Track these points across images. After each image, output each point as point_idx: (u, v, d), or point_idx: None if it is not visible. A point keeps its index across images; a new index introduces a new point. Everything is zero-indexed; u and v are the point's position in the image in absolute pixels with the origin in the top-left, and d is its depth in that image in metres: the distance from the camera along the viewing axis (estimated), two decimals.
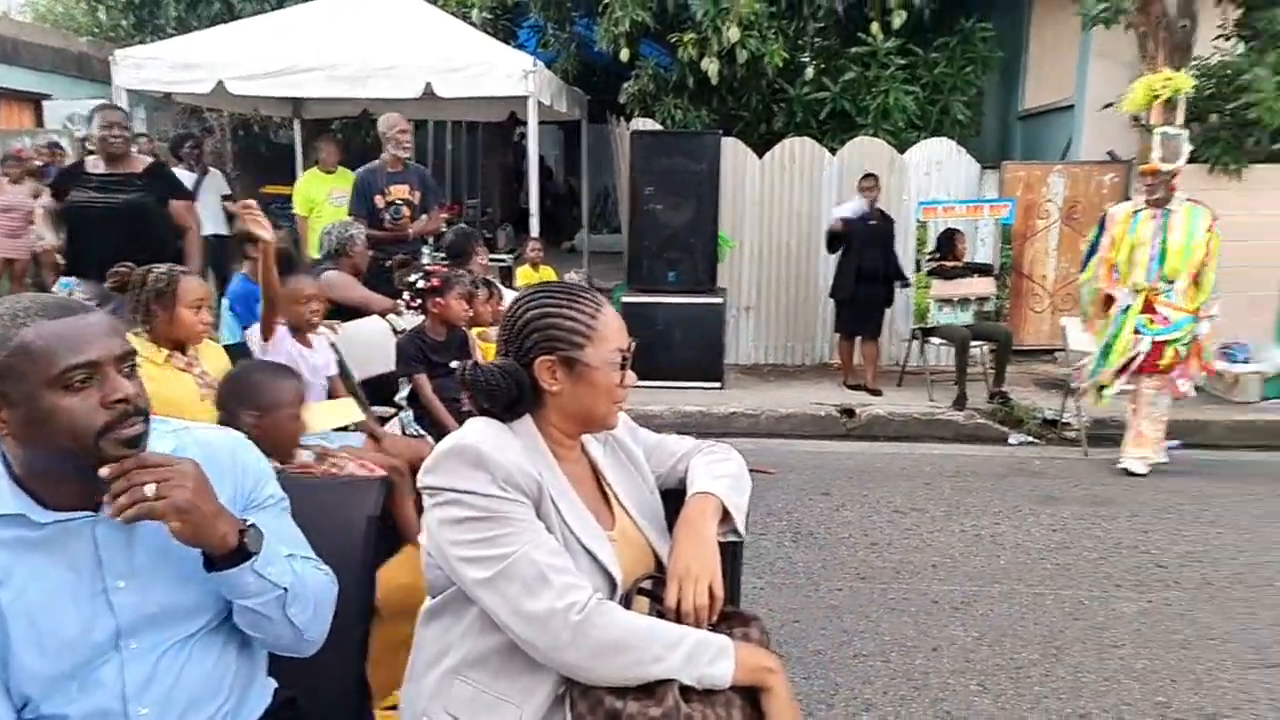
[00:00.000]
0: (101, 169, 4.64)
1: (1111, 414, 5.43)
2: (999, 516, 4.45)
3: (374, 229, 5.23)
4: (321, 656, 1.47)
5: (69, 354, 1.17)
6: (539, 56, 7.58)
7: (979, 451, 5.70)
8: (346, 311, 4.33)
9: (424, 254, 5.59)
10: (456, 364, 4.00)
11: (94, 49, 10.73)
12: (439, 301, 3.81)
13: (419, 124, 7.83)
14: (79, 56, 10.83)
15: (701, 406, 6.17)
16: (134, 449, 1.21)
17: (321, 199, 6.94)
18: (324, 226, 4.85)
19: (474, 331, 4.19)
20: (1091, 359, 5.25)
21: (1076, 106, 8.01)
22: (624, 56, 7.99)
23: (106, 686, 1.26)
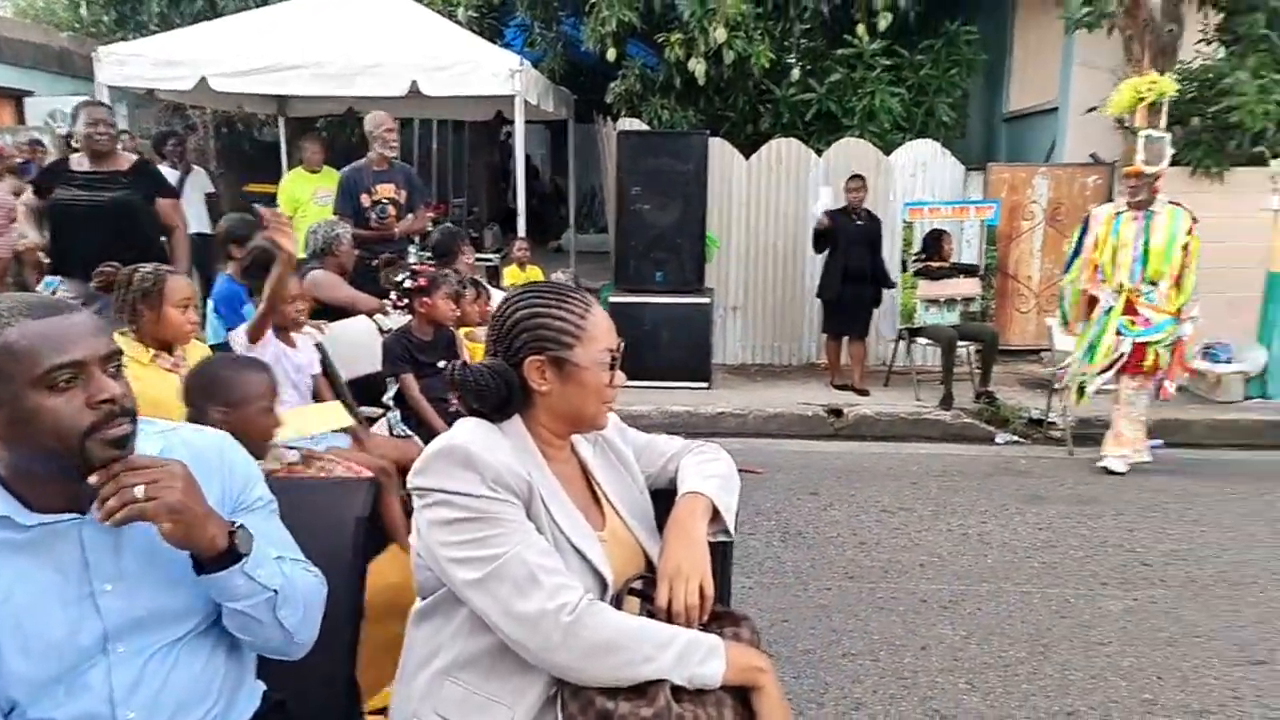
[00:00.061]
0: (87, 166, 4.58)
1: (1096, 413, 5.47)
2: (986, 515, 4.48)
3: (360, 228, 5.21)
4: (310, 659, 1.46)
5: (54, 354, 1.16)
6: (525, 56, 7.56)
7: (965, 451, 5.73)
8: (333, 311, 4.31)
9: (410, 253, 5.57)
10: (444, 364, 3.99)
11: (76, 45, 10.63)
12: (426, 301, 3.80)
13: (405, 122, 7.80)
14: (60, 52, 10.71)
15: (689, 406, 6.17)
16: (120, 450, 1.20)
17: (306, 198, 6.91)
18: (310, 226, 4.81)
19: (461, 331, 4.17)
20: (1075, 359, 5.28)
21: (1060, 109, 8.06)
22: (611, 56, 7.98)
23: (94, 690, 1.24)
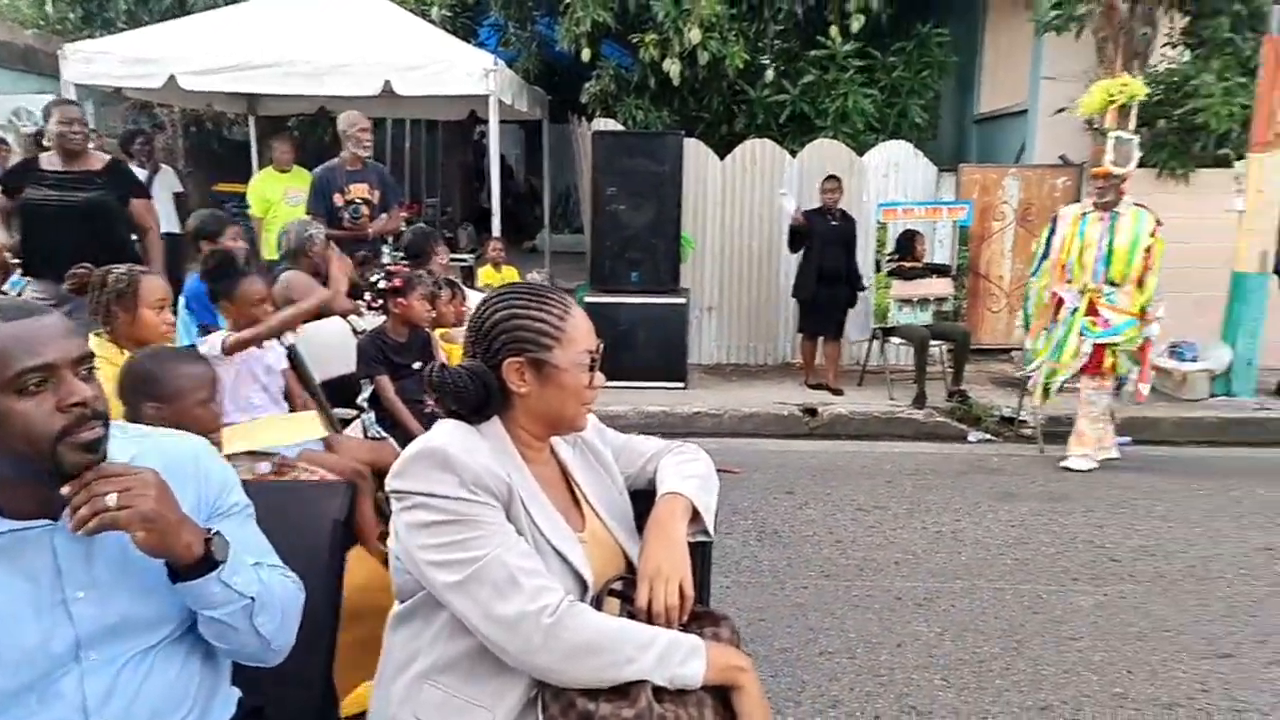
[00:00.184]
0: (58, 166, 4.51)
1: (1066, 412, 5.53)
2: (959, 513, 4.52)
3: (333, 228, 5.16)
4: (287, 664, 1.44)
5: (24, 356, 1.14)
6: (500, 55, 7.52)
7: (939, 449, 5.78)
8: None
9: (384, 254, 5.53)
10: (419, 365, 3.96)
11: (41, 42, 10.43)
12: (401, 302, 3.77)
13: (377, 122, 7.72)
14: (25, 50, 10.50)
15: (665, 406, 6.18)
16: (92, 453, 1.18)
17: (277, 198, 6.84)
18: (281, 226, 4.77)
19: (437, 332, 4.14)
20: (1043, 359, 5.34)
21: (1029, 111, 8.15)
22: (585, 56, 7.97)
23: (66, 699, 1.22)
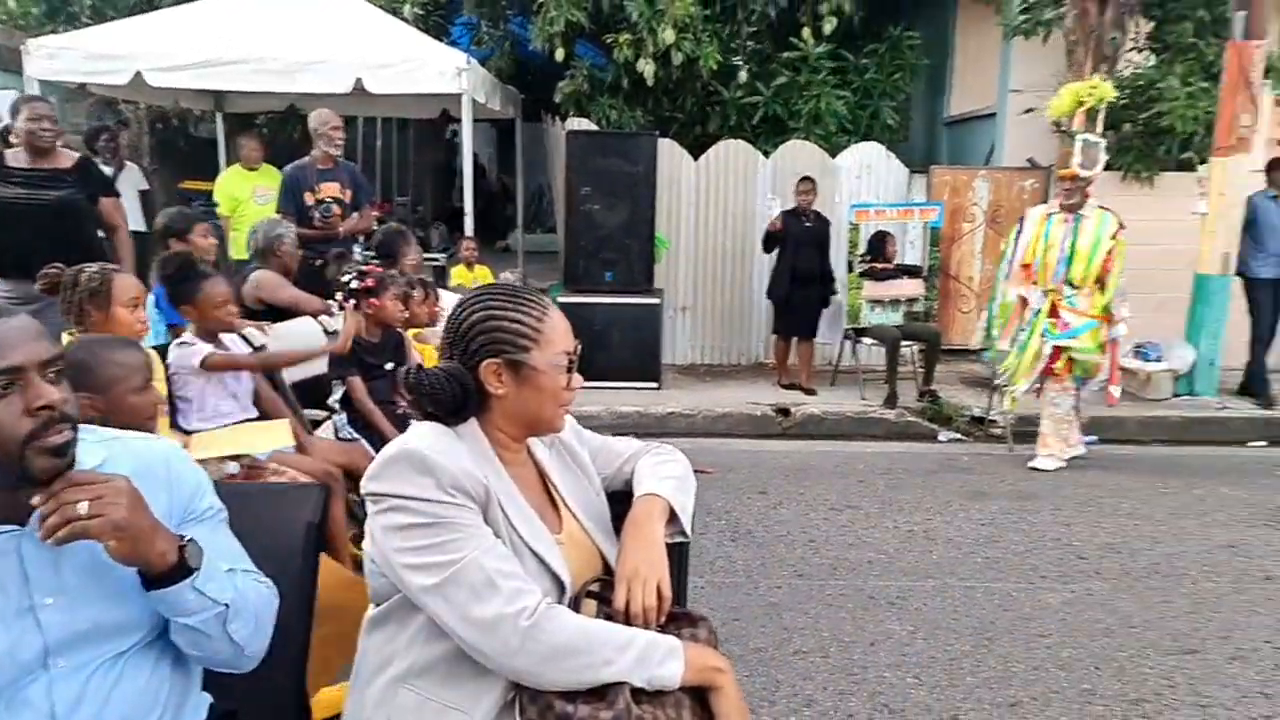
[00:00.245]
0: (25, 163, 4.43)
1: (1035, 411, 5.60)
2: (930, 512, 4.56)
3: (303, 227, 5.11)
4: (259, 668, 1.42)
5: None
6: (472, 54, 7.48)
7: (910, 449, 5.84)
8: (276, 312, 4.22)
9: (355, 253, 5.47)
10: (391, 366, 3.92)
11: (4, 37, 10.22)
12: (374, 302, 3.73)
13: (348, 120, 7.64)
14: None
15: (639, 407, 6.18)
16: (61, 458, 1.16)
17: (245, 196, 6.75)
18: (251, 225, 4.71)
19: (410, 333, 4.11)
20: (1010, 359, 5.41)
21: (998, 114, 8.26)
22: (559, 56, 7.95)
23: (35, 706, 1.20)
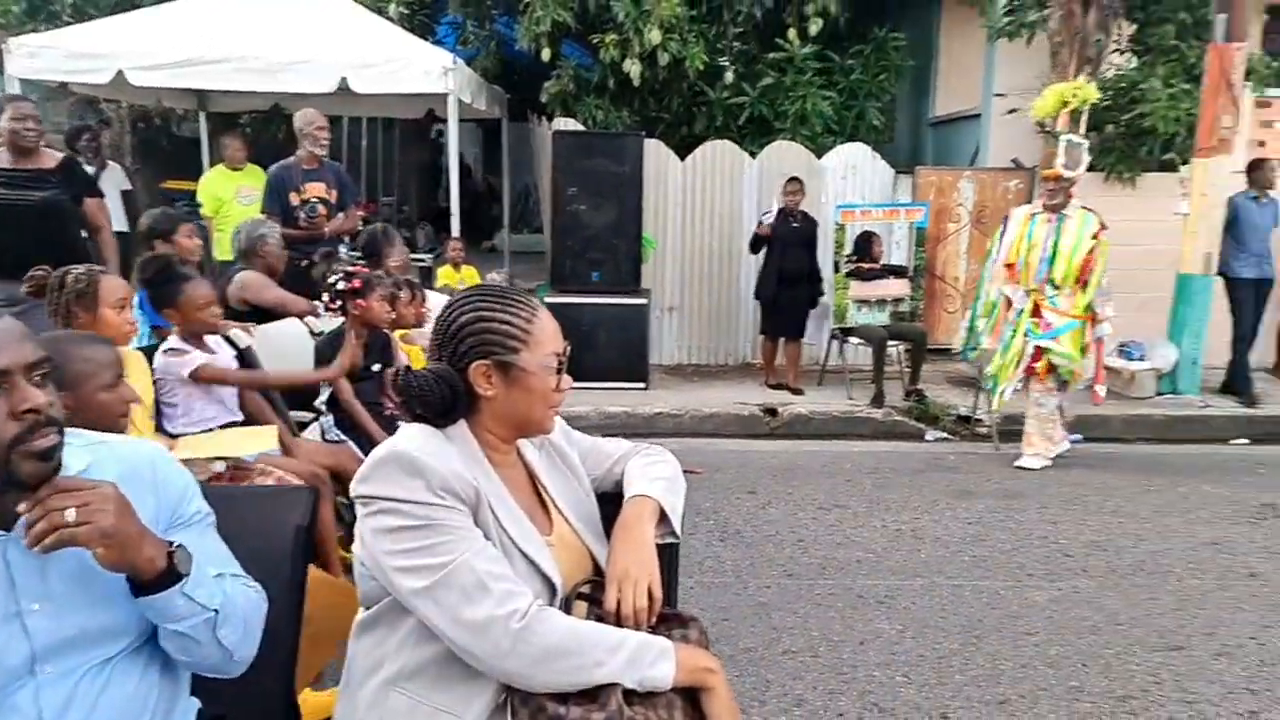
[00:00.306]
0: (8, 164, 4.40)
1: (1021, 410, 5.63)
2: (918, 511, 4.58)
3: (288, 228, 5.07)
4: (248, 673, 1.41)
5: None
6: (458, 53, 7.46)
7: (897, 448, 5.86)
8: (262, 313, 4.19)
9: (340, 253, 5.44)
10: (378, 367, 3.89)
11: None
12: (360, 303, 3.70)
13: (333, 120, 7.60)
14: None
15: (626, 407, 6.17)
16: (46, 462, 1.14)
17: (229, 197, 6.70)
18: (235, 225, 4.68)
19: (397, 334, 4.09)
20: (995, 358, 5.45)
21: (983, 115, 8.30)
22: (545, 56, 7.94)
23: (22, 712, 1.19)
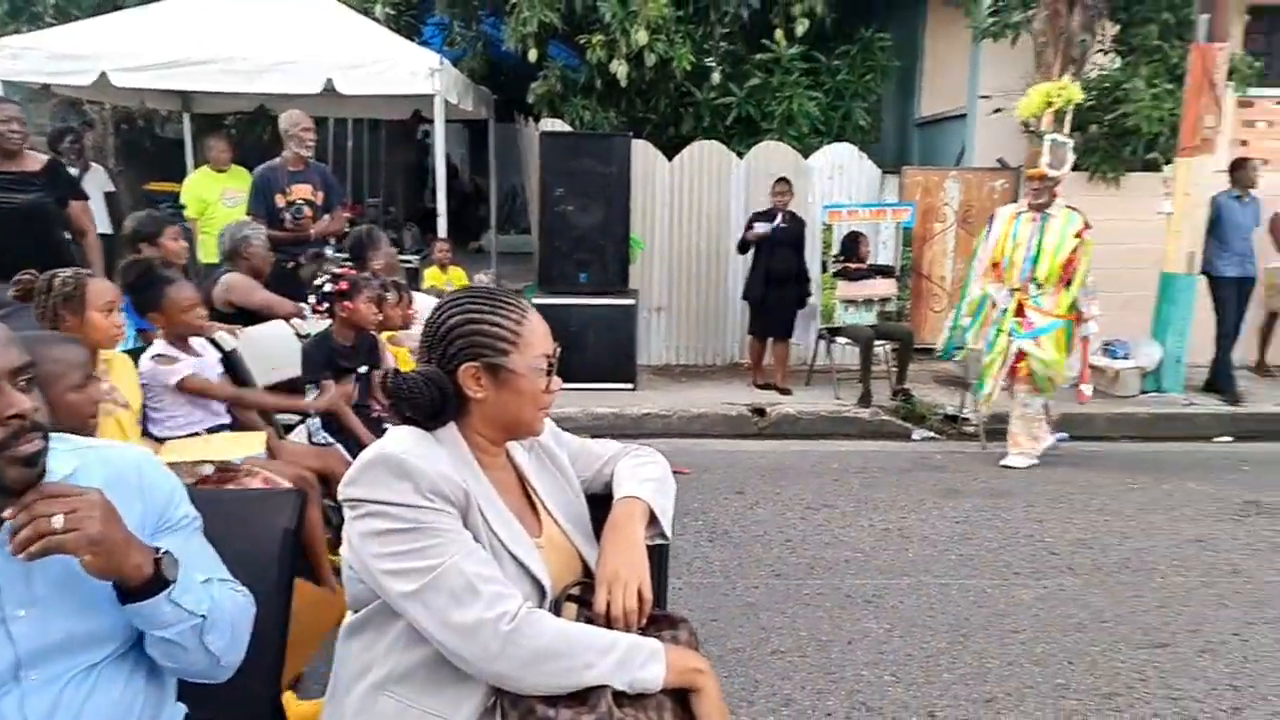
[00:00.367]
0: None
1: (1007, 409, 5.66)
2: (905, 510, 4.60)
3: (274, 229, 5.05)
4: (234, 677, 1.40)
5: None
6: (445, 54, 7.44)
7: (884, 447, 5.88)
8: (247, 315, 4.17)
9: (327, 255, 5.42)
10: (365, 369, 3.88)
11: None
12: (347, 305, 3.69)
13: (319, 121, 7.56)
14: None
15: (614, 408, 6.17)
16: (31, 467, 1.13)
17: (214, 199, 6.66)
18: (220, 228, 4.65)
19: (384, 335, 4.08)
20: (980, 356, 5.48)
21: (968, 115, 8.35)
22: (532, 57, 7.92)
23: (7, 719, 1.18)
